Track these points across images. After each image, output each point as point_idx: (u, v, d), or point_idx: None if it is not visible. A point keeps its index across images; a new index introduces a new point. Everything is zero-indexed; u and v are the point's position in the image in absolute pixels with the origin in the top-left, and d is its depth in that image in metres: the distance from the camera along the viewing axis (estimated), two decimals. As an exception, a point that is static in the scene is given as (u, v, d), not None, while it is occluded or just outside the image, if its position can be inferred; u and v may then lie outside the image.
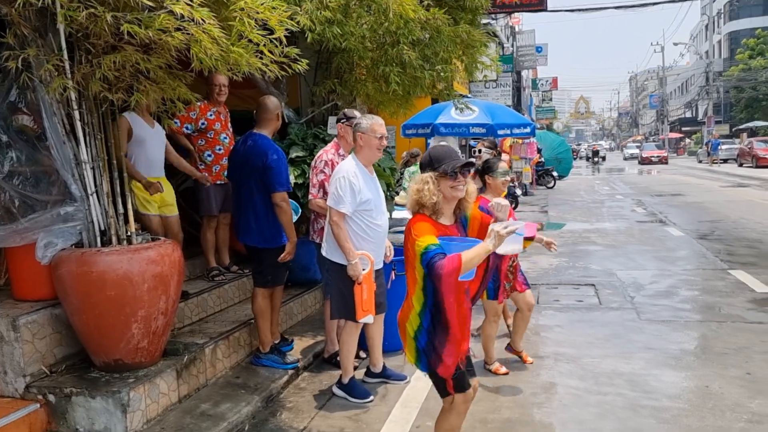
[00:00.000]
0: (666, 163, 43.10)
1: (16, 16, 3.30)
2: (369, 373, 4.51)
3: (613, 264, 8.69)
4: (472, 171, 3.04)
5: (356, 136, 4.17)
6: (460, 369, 2.91)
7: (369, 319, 4.13)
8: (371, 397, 4.28)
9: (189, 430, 3.63)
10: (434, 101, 11.31)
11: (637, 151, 54.29)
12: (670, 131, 66.51)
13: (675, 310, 6.25)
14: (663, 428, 3.70)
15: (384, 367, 4.54)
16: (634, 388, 4.31)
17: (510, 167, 13.23)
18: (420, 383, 4.45)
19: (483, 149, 5.62)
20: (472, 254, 2.61)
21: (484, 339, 4.84)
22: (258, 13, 3.19)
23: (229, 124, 5.77)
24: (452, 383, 2.91)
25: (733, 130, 46.45)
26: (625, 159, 55.67)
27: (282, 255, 4.49)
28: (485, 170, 4.56)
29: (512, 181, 13.25)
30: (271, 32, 3.41)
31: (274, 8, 3.23)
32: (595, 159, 45.89)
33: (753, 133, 41.12)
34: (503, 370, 4.72)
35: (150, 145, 4.77)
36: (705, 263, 8.52)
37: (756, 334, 5.36)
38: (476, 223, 3.11)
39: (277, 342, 4.85)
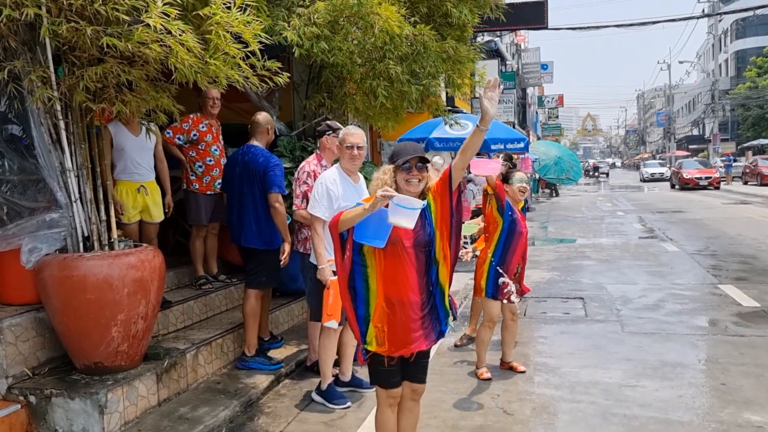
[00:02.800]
0: (718, 187, 29.63)
1: (5, 29, 3.44)
2: (338, 381, 4.54)
3: (604, 278, 8.74)
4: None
5: (337, 146, 4.47)
6: (380, 362, 2.94)
7: (333, 324, 4.18)
8: (348, 404, 4.35)
9: (165, 432, 3.72)
10: (436, 115, 11.44)
11: (662, 170, 42.40)
12: (677, 149, 66.44)
13: (659, 323, 6.30)
14: (630, 435, 3.76)
15: (353, 375, 4.62)
16: (608, 397, 4.37)
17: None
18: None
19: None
20: (351, 210, 2.82)
21: (477, 342, 4.97)
22: (232, 26, 3.32)
23: (221, 137, 5.90)
24: (362, 357, 2.99)
25: (739, 147, 46.38)
26: (644, 180, 42.42)
27: (283, 257, 4.76)
28: (504, 180, 4.79)
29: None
30: (246, 45, 3.55)
31: (248, 23, 3.37)
32: (595, 174, 51.88)
33: (759, 150, 41.04)
34: (486, 375, 4.81)
35: (129, 152, 4.92)
36: (696, 278, 8.55)
37: (736, 347, 5.40)
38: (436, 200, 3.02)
39: (267, 339, 5.12)
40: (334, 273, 4.12)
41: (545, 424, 4.00)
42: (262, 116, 5.13)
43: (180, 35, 3.20)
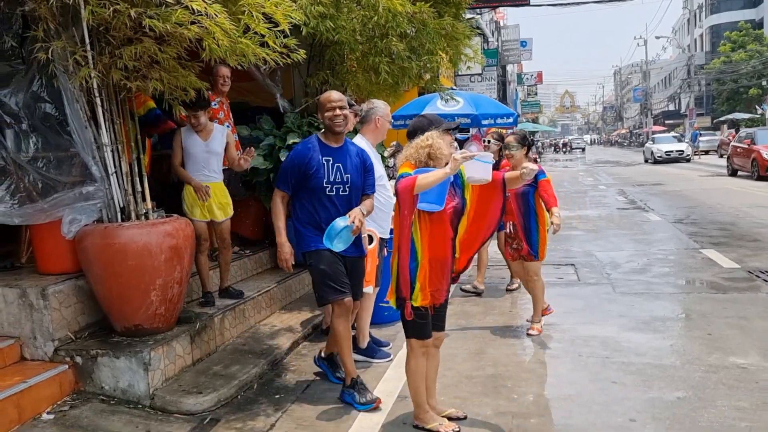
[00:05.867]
0: None
1: (46, 11, 3.65)
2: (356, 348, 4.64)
3: (592, 246, 9.16)
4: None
5: (374, 120, 4.51)
6: (424, 315, 3.31)
7: (368, 289, 4.50)
8: (391, 356, 4.74)
9: (204, 387, 4.02)
10: (421, 93, 11.75)
11: (680, 146, 32.35)
12: (654, 124, 67.47)
13: (647, 284, 6.71)
14: (629, 378, 4.15)
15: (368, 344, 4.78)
16: (606, 348, 4.75)
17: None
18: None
19: (492, 141, 6.22)
20: (429, 174, 3.04)
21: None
22: (264, 8, 3.57)
23: (231, 114, 6.12)
24: (409, 311, 3.28)
25: (715, 122, 47.30)
26: (655, 161, 32.33)
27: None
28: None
29: None
30: (275, 25, 3.79)
31: (278, 4, 3.61)
32: (564, 149, 60.78)
33: (734, 124, 41.94)
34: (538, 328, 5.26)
35: (195, 157, 4.97)
36: (679, 244, 9.00)
37: (719, 303, 5.83)
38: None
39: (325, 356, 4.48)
40: (370, 241, 4.45)
41: (553, 373, 4.37)
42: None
43: (215, 17, 3.43)
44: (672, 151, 31.82)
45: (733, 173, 21.14)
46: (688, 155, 31.85)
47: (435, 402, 3.61)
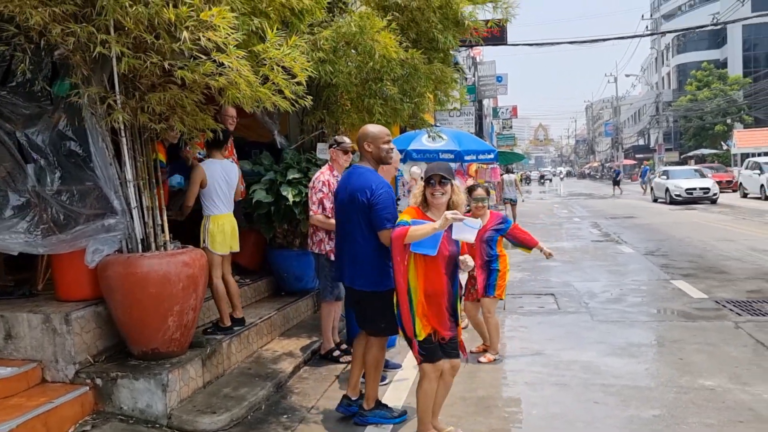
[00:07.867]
0: None
1: (80, 59, 4.00)
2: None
3: (570, 277, 9.61)
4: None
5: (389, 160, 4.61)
6: (430, 341, 3.68)
7: None
8: (400, 365, 5.20)
9: (217, 407, 4.29)
10: (402, 130, 12.25)
11: (705, 183, 25.43)
12: (625, 158, 69.34)
13: (623, 312, 7.16)
14: (609, 398, 4.53)
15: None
16: (587, 372, 5.14)
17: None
18: (409, 372, 5.20)
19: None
20: (420, 227, 3.49)
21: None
22: (284, 62, 3.96)
23: (234, 150, 6.47)
24: (417, 349, 3.68)
25: (682, 156, 48.89)
26: (671, 201, 25.72)
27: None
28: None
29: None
30: (291, 76, 4.19)
31: (296, 59, 4.01)
32: (541, 181, 65.61)
33: (701, 159, 43.43)
34: (489, 357, 5.54)
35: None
36: (650, 275, 9.51)
37: (689, 330, 6.28)
38: None
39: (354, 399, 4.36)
40: None
41: (539, 395, 4.73)
42: (371, 128, 4.22)
43: (240, 69, 3.81)
44: (694, 189, 25.12)
45: None
46: (715, 194, 25.15)
47: (436, 421, 3.94)
